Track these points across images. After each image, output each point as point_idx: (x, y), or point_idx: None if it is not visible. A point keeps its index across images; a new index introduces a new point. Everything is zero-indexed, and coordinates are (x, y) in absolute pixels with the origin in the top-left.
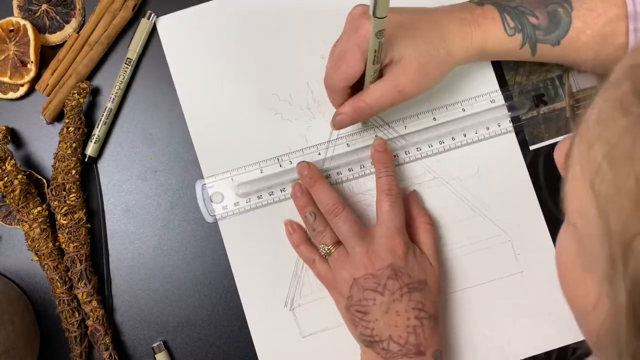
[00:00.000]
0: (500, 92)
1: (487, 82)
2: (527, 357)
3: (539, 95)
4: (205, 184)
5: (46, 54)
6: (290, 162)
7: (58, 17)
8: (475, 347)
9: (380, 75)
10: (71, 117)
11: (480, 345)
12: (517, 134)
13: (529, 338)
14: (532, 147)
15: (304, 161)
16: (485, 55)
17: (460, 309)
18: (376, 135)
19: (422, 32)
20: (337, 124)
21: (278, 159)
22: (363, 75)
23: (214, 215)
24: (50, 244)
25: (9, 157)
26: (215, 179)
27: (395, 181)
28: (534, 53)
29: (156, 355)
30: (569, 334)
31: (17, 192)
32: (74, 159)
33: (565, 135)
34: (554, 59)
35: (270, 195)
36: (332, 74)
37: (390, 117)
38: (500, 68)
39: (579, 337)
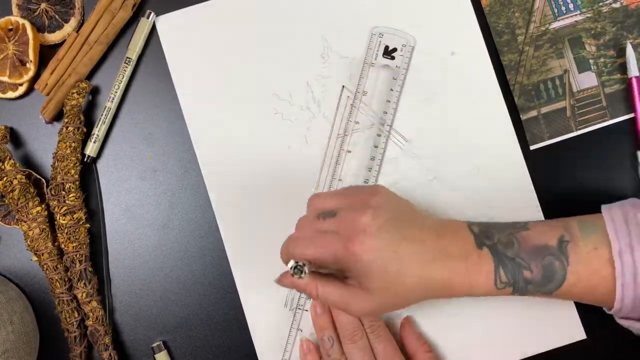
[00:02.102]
0: (500, 93)
1: (488, 82)
2: (527, 357)
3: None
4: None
5: (45, 53)
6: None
7: (57, 16)
8: (475, 347)
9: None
10: (70, 116)
11: (480, 345)
12: (517, 134)
13: (529, 338)
14: (532, 147)
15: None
16: (470, 297)
17: (461, 309)
18: None
19: (404, 270)
20: (279, 283)
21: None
22: None
23: None
24: (50, 244)
25: (8, 157)
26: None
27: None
28: (522, 296)
29: (156, 355)
30: (568, 334)
31: (16, 192)
32: (73, 158)
33: None
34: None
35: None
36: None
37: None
38: (501, 68)
39: (579, 337)
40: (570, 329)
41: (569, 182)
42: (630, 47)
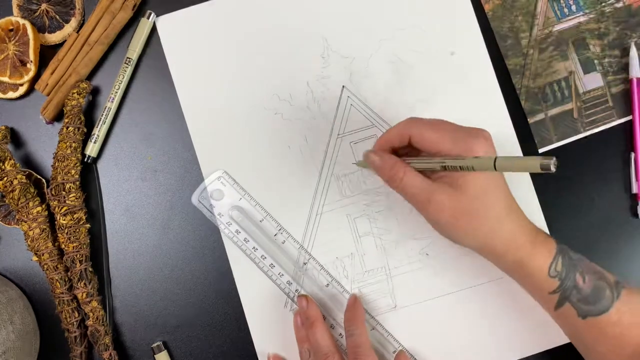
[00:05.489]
0: (500, 93)
1: (488, 82)
2: (526, 356)
3: None
4: (205, 187)
5: (46, 54)
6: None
7: (58, 17)
8: (474, 347)
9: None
10: (71, 116)
11: (479, 344)
12: (525, 137)
13: (529, 338)
14: (540, 150)
15: (303, 295)
16: (514, 272)
17: (460, 309)
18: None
19: (495, 204)
20: (365, 158)
21: (280, 230)
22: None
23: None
24: (50, 244)
25: (9, 157)
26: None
27: (363, 340)
28: (557, 307)
29: (156, 356)
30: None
31: (17, 192)
32: (73, 158)
33: None
34: (568, 330)
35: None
36: (388, 137)
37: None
38: (506, 71)
39: None
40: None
41: (578, 184)
42: (635, 47)
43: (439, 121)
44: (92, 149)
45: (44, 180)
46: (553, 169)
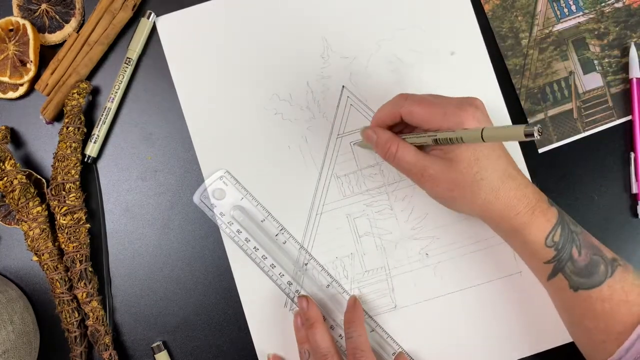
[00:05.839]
0: (500, 92)
1: (488, 82)
2: (526, 356)
3: None
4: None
5: (46, 54)
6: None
7: (57, 17)
8: (474, 347)
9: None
10: (71, 116)
11: (479, 345)
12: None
13: (529, 338)
14: (540, 150)
15: (304, 296)
16: (510, 238)
17: (460, 309)
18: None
19: (488, 174)
20: (362, 135)
21: (281, 231)
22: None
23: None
24: (50, 244)
25: (9, 157)
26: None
27: (362, 341)
28: (550, 277)
29: (156, 356)
30: (567, 334)
31: (17, 192)
32: (73, 158)
33: None
34: (558, 302)
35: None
36: (380, 115)
37: None
38: (505, 71)
39: None
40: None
41: (578, 184)
42: (634, 47)
43: (429, 96)
44: (92, 149)
45: (44, 180)
46: (537, 135)
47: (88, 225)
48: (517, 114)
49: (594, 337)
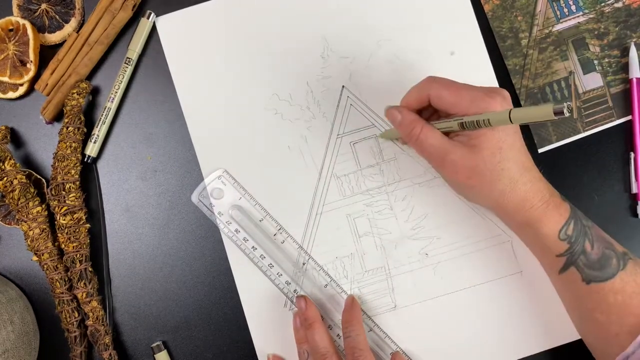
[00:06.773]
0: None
1: (488, 82)
2: (526, 356)
3: None
4: (205, 187)
5: (46, 54)
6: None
7: (57, 17)
8: (474, 347)
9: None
10: (71, 116)
11: (479, 344)
12: (525, 137)
13: (529, 338)
14: (540, 150)
15: (302, 296)
16: (523, 231)
17: (460, 309)
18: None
19: (509, 165)
20: (387, 114)
21: (280, 230)
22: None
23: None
24: (50, 244)
25: (8, 157)
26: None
27: (360, 341)
28: (562, 271)
29: (155, 355)
30: (567, 333)
31: (17, 192)
32: (73, 158)
33: None
34: (568, 295)
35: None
36: (409, 97)
37: None
38: (505, 71)
39: (578, 337)
40: (567, 329)
41: (578, 184)
42: (634, 47)
43: (458, 82)
44: (92, 149)
45: (44, 180)
46: (566, 112)
47: (88, 225)
48: None
49: (606, 331)
